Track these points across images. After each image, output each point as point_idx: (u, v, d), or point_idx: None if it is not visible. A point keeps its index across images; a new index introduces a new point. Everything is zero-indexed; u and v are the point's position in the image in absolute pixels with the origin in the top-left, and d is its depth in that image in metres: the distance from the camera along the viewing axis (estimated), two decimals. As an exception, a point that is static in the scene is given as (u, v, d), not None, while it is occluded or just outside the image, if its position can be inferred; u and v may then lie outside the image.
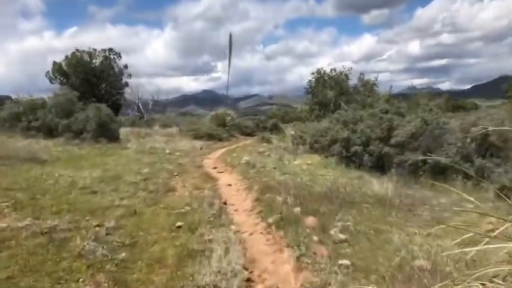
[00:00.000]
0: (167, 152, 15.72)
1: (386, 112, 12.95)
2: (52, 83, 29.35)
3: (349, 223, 6.26)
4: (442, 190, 10.59)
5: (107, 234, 5.26)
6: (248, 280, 4.38)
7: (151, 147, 16.76)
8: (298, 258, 4.85)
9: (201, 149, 18.91)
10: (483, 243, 1.68)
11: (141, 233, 5.44)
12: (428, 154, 10.82)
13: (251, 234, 6.07)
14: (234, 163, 13.67)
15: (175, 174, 10.77)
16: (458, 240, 1.87)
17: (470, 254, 1.81)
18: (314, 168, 13.14)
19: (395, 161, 11.25)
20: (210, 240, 5.24)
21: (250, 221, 6.76)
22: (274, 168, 12.57)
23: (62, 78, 29.47)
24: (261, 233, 6.18)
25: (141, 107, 42.00)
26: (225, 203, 7.91)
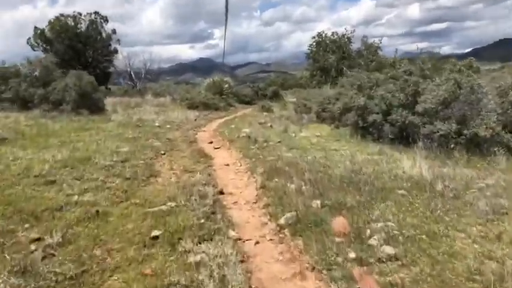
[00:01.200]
0: (156, 124, 13.89)
1: (410, 74, 11.05)
2: (34, 50, 27.09)
3: (390, 224, 4.55)
4: (481, 167, 8.92)
5: (44, 257, 3.54)
6: None
7: (139, 119, 14.91)
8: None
9: (195, 120, 17.07)
10: None
11: (97, 252, 3.72)
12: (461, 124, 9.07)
13: (257, 243, 4.36)
14: (233, 137, 11.89)
15: (162, 152, 9.00)
16: None
17: None
18: (325, 141, 11.38)
19: (422, 132, 9.47)
20: (197, 264, 3.53)
21: (255, 221, 5.04)
22: (279, 142, 10.82)
23: (44, 45, 27.16)
24: (271, 240, 4.48)
25: (133, 75, 39.88)
26: (221, 192, 6.18)
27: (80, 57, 27.96)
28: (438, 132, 9.01)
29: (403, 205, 5.37)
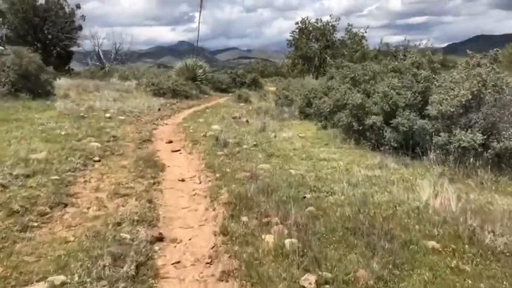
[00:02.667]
0: (107, 115, 11.42)
1: (418, 67, 8.96)
2: (-17, 23, 23.87)
3: None
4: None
5: None
6: None
7: (89, 108, 12.41)
8: None
9: (159, 109, 14.64)
10: None
11: None
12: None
13: None
14: (198, 135, 9.64)
15: (96, 159, 6.67)
16: None
17: None
18: (310, 145, 9.26)
19: (435, 142, 7.46)
20: None
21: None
22: (255, 146, 8.64)
23: (-4, 18, 24.01)
24: None
25: (102, 56, 36.89)
26: (160, 239, 3.98)
27: (36, 33, 24.86)
28: (458, 143, 6.98)
29: (446, 282, 3.28)
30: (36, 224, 3.92)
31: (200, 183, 6.11)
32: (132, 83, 22.36)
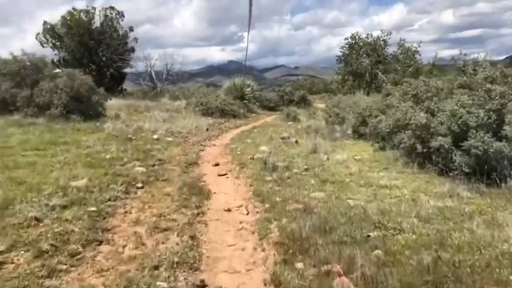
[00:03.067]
0: (154, 137, 11.24)
1: (492, 82, 7.97)
2: (43, 46, 25.14)
3: None
4: None
5: None
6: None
7: (137, 129, 12.34)
8: None
9: (207, 130, 14.39)
10: None
11: None
12: None
13: None
14: (246, 158, 9.14)
15: (139, 185, 6.31)
16: None
17: None
18: (368, 169, 8.44)
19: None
20: None
21: None
22: (307, 170, 7.98)
23: (54, 41, 25.16)
24: None
25: (154, 76, 37.95)
26: (201, 287, 3.43)
27: (91, 55, 25.85)
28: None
29: None
30: (64, 267, 3.49)
31: (247, 214, 5.54)
32: (181, 102, 22.48)
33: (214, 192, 6.51)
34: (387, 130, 9.04)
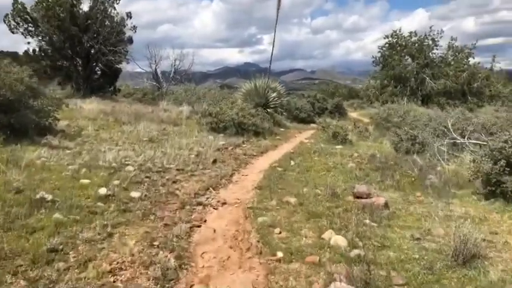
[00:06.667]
0: (100, 192, 5.50)
1: None
2: (13, 32, 19.58)
3: None
4: None
5: None
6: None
7: (85, 165, 6.67)
8: None
9: (214, 162, 8.62)
10: None
11: None
12: None
13: None
14: (297, 243, 3.35)
15: None
16: None
17: None
18: None
19: None
20: None
21: None
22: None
23: (26, 26, 19.64)
24: None
25: (160, 76, 32.67)
26: None
27: (74, 45, 20.28)
28: None
29: None
30: None
31: None
32: (185, 108, 16.81)
33: None
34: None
